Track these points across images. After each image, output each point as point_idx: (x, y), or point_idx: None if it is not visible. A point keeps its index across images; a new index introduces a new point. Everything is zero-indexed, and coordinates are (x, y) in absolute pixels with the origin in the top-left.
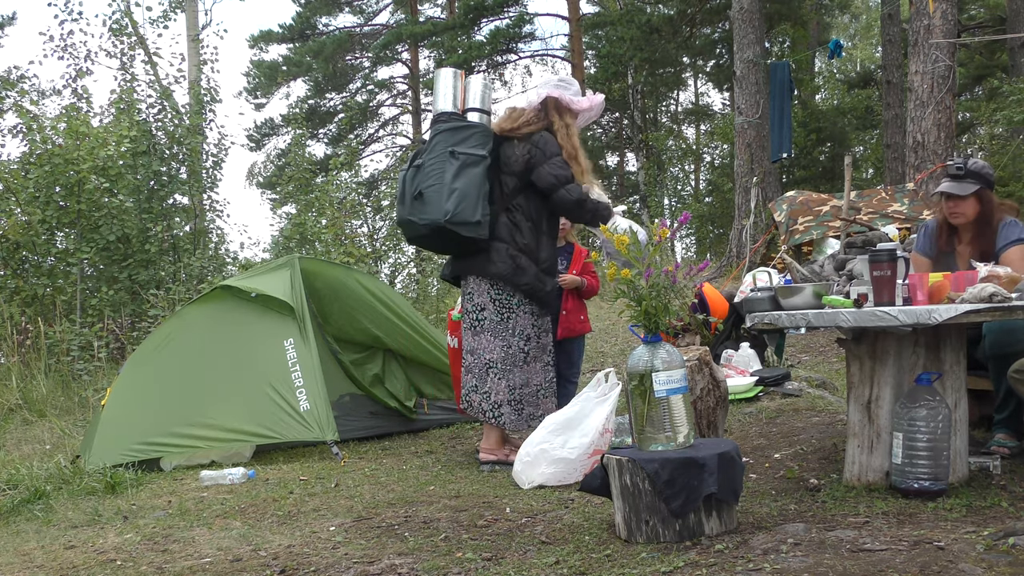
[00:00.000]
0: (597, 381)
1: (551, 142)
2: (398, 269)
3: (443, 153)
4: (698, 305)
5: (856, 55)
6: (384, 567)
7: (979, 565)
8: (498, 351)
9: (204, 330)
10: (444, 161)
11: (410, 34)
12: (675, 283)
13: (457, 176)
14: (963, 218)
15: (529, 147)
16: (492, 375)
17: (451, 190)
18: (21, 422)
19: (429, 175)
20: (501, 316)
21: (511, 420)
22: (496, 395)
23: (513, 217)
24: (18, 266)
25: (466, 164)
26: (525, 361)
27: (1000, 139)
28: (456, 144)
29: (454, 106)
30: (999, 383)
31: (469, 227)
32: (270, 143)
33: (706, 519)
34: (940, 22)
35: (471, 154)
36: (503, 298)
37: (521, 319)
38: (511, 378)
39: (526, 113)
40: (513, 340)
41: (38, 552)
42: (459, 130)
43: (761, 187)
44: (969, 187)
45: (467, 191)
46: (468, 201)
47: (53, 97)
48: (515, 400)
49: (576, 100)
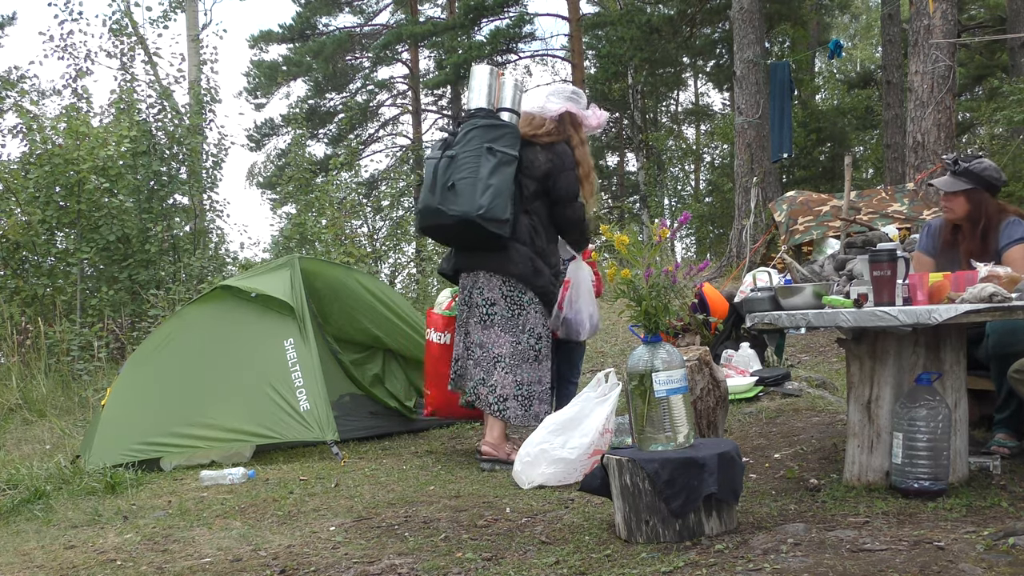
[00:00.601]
0: (597, 381)
1: (570, 156)
2: (398, 269)
3: (479, 148)
4: (698, 305)
5: (856, 55)
6: (384, 567)
7: (979, 565)
8: (507, 346)
9: (204, 330)
10: (480, 156)
11: (410, 34)
12: (675, 283)
13: (493, 172)
14: (952, 214)
15: (551, 156)
16: (500, 369)
17: (486, 185)
18: (21, 422)
19: (463, 167)
20: (512, 312)
21: (516, 415)
22: (502, 389)
23: (532, 220)
24: (18, 266)
25: (502, 162)
26: (536, 359)
27: (1000, 139)
28: (492, 141)
29: (488, 103)
30: (1001, 383)
31: (498, 224)
32: (270, 143)
33: (706, 519)
34: (940, 22)
35: (506, 153)
36: (515, 295)
37: (532, 317)
38: (519, 373)
39: (547, 123)
40: (523, 336)
41: (38, 552)
42: (493, 127)
43: (761, 187)
44: (959, 185)
45: (501, 188)
46: (501, 198)
47: (53, 97)
48: (522, 395)
49: (588, 116)
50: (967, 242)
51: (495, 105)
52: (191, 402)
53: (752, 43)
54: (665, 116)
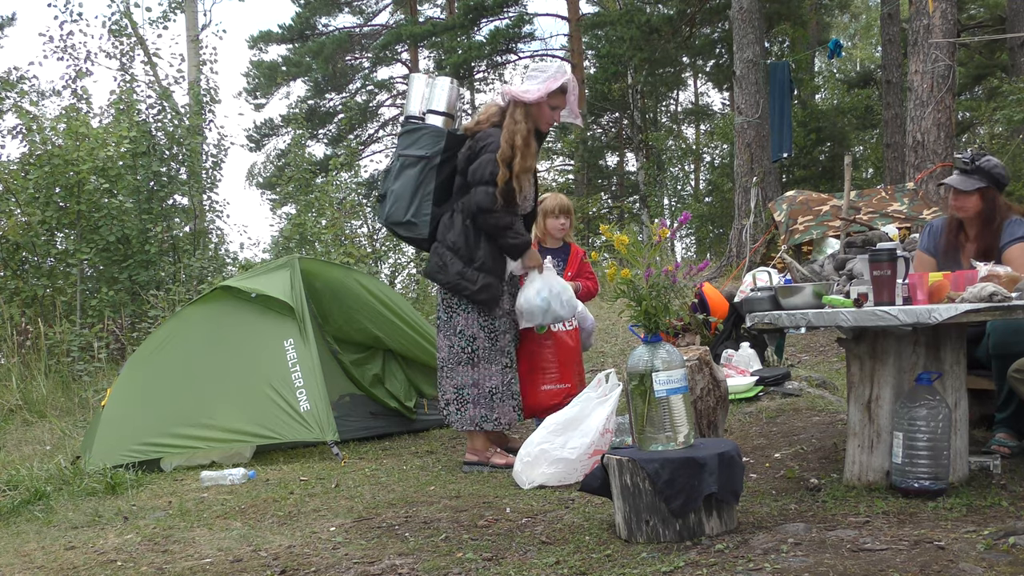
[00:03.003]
0: (598, 382)
1: (491, 139)
2: (398, 269)
3: (395, 157)
4: (698, 305)
5: (856, 55)
6: (385, 567)
7: (979, 564)
8: (444, 350)
9: (204, 331)
10: (392, 165)
11: (410, 34)
12: (675, 283)
13: (396, 178)
14: (964, 213)
15: (470, 143)
16: (443, 374)
17: (390, 192)
18: (21, 423)
19: (385, 179)
20: (448, 315)
21: (454, 419)
22: (444, 394)
23: (452, 216)
24: (18, 267)
25: (404, 166)
26: (470, 361)
27: (1000, 138)
28: (407, 147)
29: (419, 110)
30: (1001, 383)
31: (402, 227)
32: (270, 143)
33: (706, 519)
34: (940, 21)
35: (410, 155)
36: (447, 297)
37: (463, 318)
38: (455, 377)
39: (489, 109)
40: (455, 339)
41: (38, 553)
42: (410, 133)
43: (761, 187)
44: (974, 183)
45: (401, 192)
46: (400, 203)
47: (53, 98)
48: (459, 400)
49: (522, 91)
50: (973, 241)
51: (423, 110)
52: (191, 403)
53: (752, 43)
54: (665, 116)
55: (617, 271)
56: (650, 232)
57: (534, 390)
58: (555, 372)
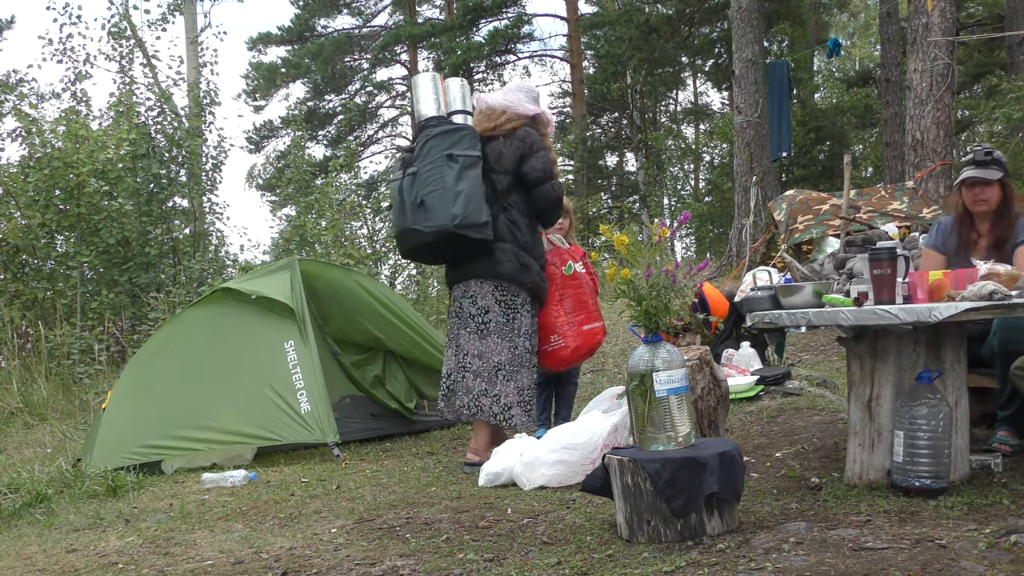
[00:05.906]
0: (608, 398)
1: (535, 136)
2: (398, 270)
3: (439, 158)
4: (698, 305)
5: (855, 53)
6: (386, 568)
7: (981, 563)
8: (506, 353)
9: (204, 332)
10: (442, 166)
11: (409, 35)
12: (675, 283)
13: (460, 179)
14: (986, 205)
15: (516, 142)
16: (501, 377)
17: (456, 193)
18: (22, 426)
19: (428, 181)
20: (507, 317)
21: (522, 422)
22: (506, 397)
23: (511, 216)
24: (18, 270)
25: (466, 166)
26: (530, 362)
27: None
28: (451, 147)
29: (438, 110)
30: (1005, 380)
31: (478, 229)
32: (269, 145)
33: (708, 519)
34: (938, 20)
35: (468, 155)
36: (508, 299)
37: (525, 319)
38: (518, 379)
39: (507, 112)
40: (519, 340)
41: (40, 555)
42: (449, 133)
43: (761, 186)
44: (995, 173)
45: (472, 192)
46: (475, 203)
47: (52, 100)
48: (524, 401)
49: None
50: (987, 234)
51: (445, 110)
52: (192, 405)
53: (751, 42)
54: (664, 116)
55: (617, 271)
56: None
57: (579, 331)
58: (595, 311)
